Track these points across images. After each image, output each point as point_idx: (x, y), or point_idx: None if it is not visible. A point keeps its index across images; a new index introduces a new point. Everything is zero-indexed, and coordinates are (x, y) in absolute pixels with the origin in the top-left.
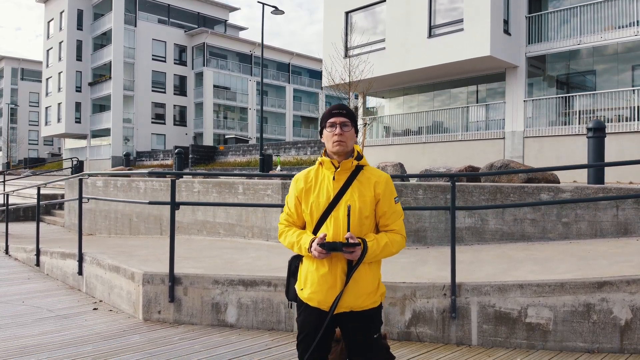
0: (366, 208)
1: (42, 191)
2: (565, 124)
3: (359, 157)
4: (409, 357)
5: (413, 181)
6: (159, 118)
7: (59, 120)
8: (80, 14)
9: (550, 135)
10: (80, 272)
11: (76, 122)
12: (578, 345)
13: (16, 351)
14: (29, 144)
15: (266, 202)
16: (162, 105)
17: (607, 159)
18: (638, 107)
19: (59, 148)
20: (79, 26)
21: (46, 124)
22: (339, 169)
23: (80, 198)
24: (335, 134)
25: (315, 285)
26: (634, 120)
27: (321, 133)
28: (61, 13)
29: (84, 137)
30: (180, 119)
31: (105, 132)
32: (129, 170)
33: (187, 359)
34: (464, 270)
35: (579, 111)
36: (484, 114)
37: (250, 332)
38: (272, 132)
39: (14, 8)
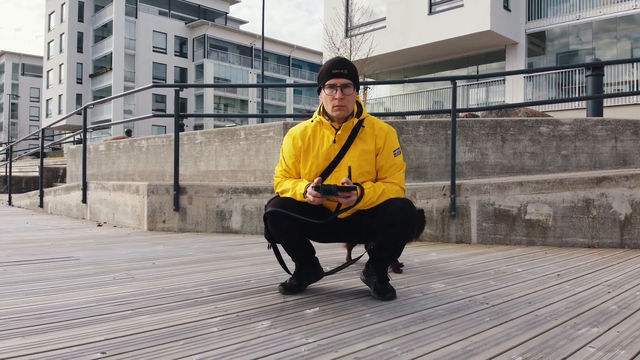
0: (368, 163)
1: (44, 166)
2: (563, 102)
3: (359, 111)
4: (408, 254)
5: (415, 118)
6: (159, 109)
7: (59, 112)
8: (81, 5)
9: (551, 110)
10: (84, 200)
11: (77, 113)
12: (578, 241)
13: (23, 240)
14: (27, 139)
15: (268, 144)
16: (163, 97)
17: None
18: (637, 81)
19: (59, 143)
20: (80, 18)
21: (47, 116)
22: (339, 131)
23: (85, 127)
24: (336, 98)
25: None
26: (632, 95)
27: (319, 91)
28: (62, 5)
29: None
30: (181, 110)
31: None
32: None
33: (189, 246)
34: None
35: (578, 87)
36: (484, 93)
37: (254, 235)
38: None
39: (14, 9)
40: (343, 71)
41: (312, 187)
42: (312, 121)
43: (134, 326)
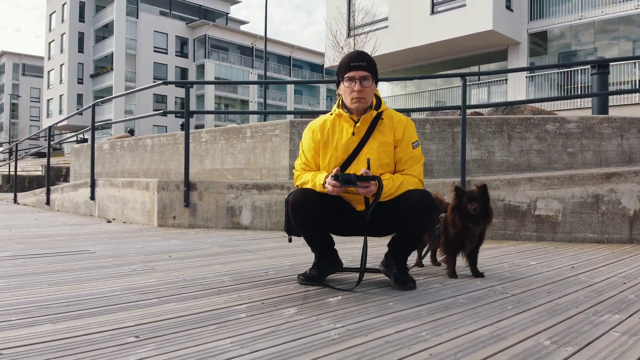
0: (387, 156)
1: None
2: (567, 100)
3: (378, 103)
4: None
5: (421, 116)
6: (160, 109)
7: (60, 112)
8: (82, 5)
9: (555, 110)
10: (92, 197)
11: (79, 113)
12: (587, 236)
13: (36, 235)
14: (30, 138)
15: (274, 142)
16: (164, 97)
17: None
18: (639, 80)
19: (63, 142)
20: (81, 18)
21: (47, 116)
22: (358, 124)
23: (93, 124)
24: (355, 90)
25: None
26: (635, 93)
27: (338, 84)
28: (63, 5)
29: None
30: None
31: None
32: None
33: (203, 240)
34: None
35: (581, 87)
36: (485, 93)
37: (265, 231)
38: None
39: (14, 9)
40: (362, 64)
41: (332, 176)
42: (331, 114)
43: (163, 313)
